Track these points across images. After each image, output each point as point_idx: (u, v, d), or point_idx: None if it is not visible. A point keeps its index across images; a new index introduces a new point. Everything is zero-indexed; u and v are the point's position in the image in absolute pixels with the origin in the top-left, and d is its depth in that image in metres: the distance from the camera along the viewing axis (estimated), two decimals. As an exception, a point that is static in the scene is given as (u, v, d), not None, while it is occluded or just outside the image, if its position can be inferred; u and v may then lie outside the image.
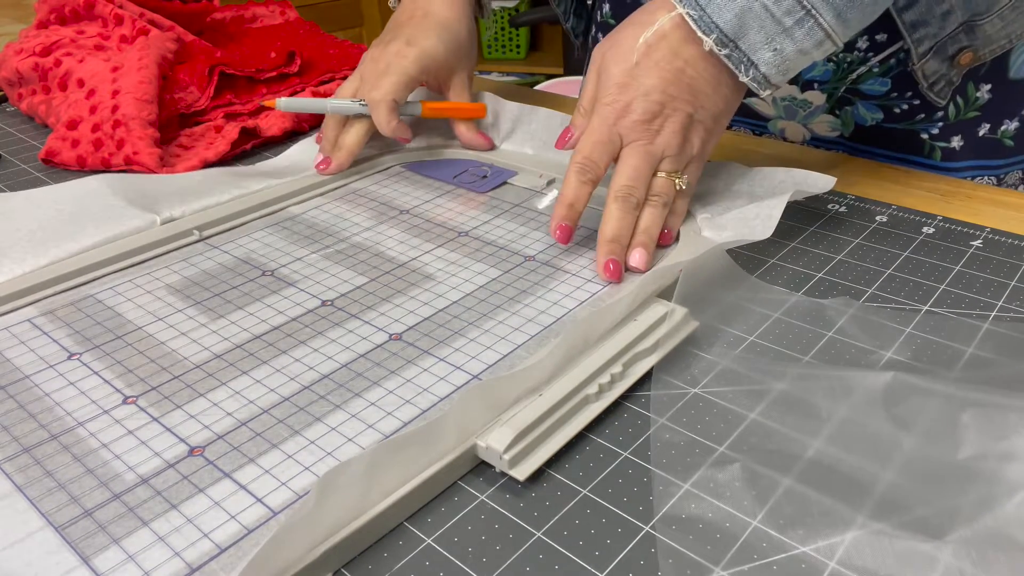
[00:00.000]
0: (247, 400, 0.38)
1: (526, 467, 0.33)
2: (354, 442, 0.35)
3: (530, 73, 2.63)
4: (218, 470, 0.34)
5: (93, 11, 0.79)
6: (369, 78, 0.61)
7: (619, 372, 0.38)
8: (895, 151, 0.67)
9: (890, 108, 0.64)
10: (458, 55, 0.65)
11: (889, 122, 0.65)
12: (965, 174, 0.66)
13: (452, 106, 0.65)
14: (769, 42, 0.47)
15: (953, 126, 0.64)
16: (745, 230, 0.48)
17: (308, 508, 0.28)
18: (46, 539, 0.31)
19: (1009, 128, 0.64)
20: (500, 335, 0.42)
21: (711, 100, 0.50)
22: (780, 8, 0.46)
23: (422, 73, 0.62)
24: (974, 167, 0.65)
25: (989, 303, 0.44)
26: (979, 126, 0.64)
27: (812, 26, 0.47)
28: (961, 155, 0.65)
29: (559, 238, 0.49)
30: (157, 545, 0.30)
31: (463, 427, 0.34)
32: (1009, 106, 0.63)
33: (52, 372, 0.40)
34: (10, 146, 0.71)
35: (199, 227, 0.53)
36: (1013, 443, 0.32)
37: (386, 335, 0.43)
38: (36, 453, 0.35)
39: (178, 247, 0.52)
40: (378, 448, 0.30)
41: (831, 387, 0.37)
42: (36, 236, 0.50)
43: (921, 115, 0.63)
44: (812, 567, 0.29)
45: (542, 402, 0.35)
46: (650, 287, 0.42)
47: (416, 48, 0.62)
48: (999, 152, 0.65)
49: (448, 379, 0.39)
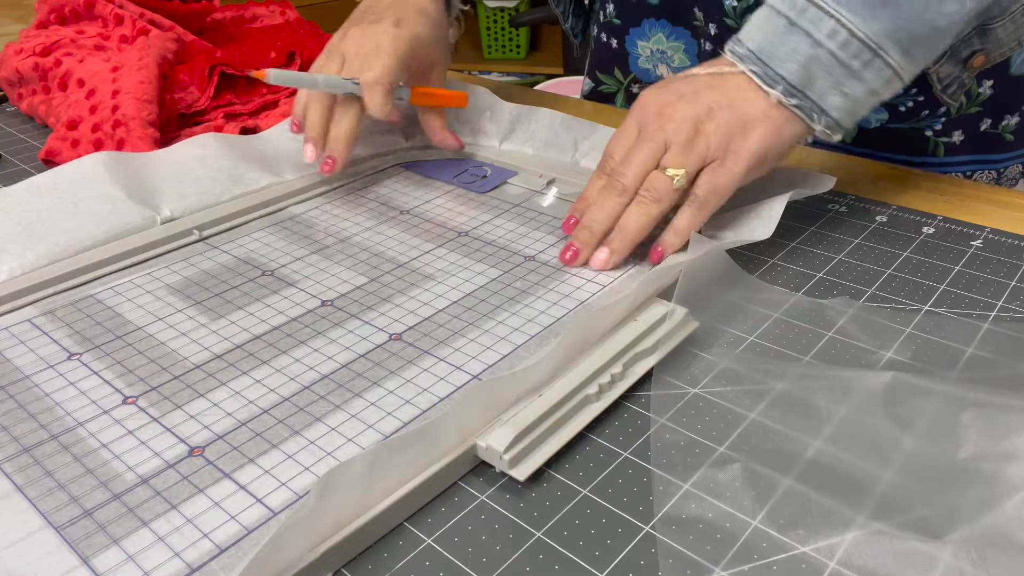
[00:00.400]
0: (247, 400, 0.38)
1: (526, 467, 0.33)
2: (354, 442, 0.35)
3: (530, 73, 2.62)
4: (218, 470, 0.34)
5: (93, 11, 0.79)
6: (356, 57, 0.57)
7: (619, 372, 0.38)
8: (898, 153, 0.67)
9: (895, 107, 0.64)
10: (440, 47, 0.63)
11: (894, 121, 0.65)
12: (966, 168, 0.66)
13: (441, 92, 0.63)
14: (837, 86, 0.46)
15: (955, 121, 0.64)
16: (745, 231, 0.48)
17: (308, 508, 0.28)
18: (46, 539, 0.31)
19: (1010, 123, 0.64)
20: (500, 335, 0.42)
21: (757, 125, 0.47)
22: (847, 52, 0.45)
23: (411, 59, 0.58)
24: (975, 161, 0.66)
25: (989, 303, 0.44)
26: (980, 121, 0.64)
27: (880, 66, 0.46)
28: (961, 149, 0.65)
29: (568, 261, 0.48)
30: (157, 545, 0.30)
31: (463, 427, 0.34)
32: (1010, 101, 0.63)
33: (52, 372, 0.40)
34: (10, 146, 0.71)
35: (199, 227, 0.53)
36: (1013, 443, 0.32)
37: (386, 335, 0.43)
38: (36, 453, 0.35)
39: (178, 247, 0.52)
40: (378, 448, 0.30)
41: (831, 387, 0.37)
42: (35, 230, 0.50)
43: (925, 112, 0.63)
44: (812, 567, 0.29)
45: (542, 402, 0.35)
46: (650, 287, 0.42)
47: (407, 31, 0.58)
48: (1000, 146, 0.65)
49: (448, 379, 0.39)
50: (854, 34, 0.45)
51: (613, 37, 0.77)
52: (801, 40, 0.45)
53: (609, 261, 0.47)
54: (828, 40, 0.45)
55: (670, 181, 0.46)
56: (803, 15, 0.45)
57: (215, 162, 0.58)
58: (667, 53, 0.73)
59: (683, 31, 0.71)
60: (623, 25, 0.75)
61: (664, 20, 0.71)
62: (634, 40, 0.75)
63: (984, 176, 0.66)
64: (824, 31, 0.45)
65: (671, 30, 0.71)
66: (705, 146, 0.46)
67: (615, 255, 0.47)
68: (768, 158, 0.47)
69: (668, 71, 0.74)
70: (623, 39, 0.76)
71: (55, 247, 0.49)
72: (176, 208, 0.54)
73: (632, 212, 0.47)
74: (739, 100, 0.47)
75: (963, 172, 0.66)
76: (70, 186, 0.53)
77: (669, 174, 0.46)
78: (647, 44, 0.74)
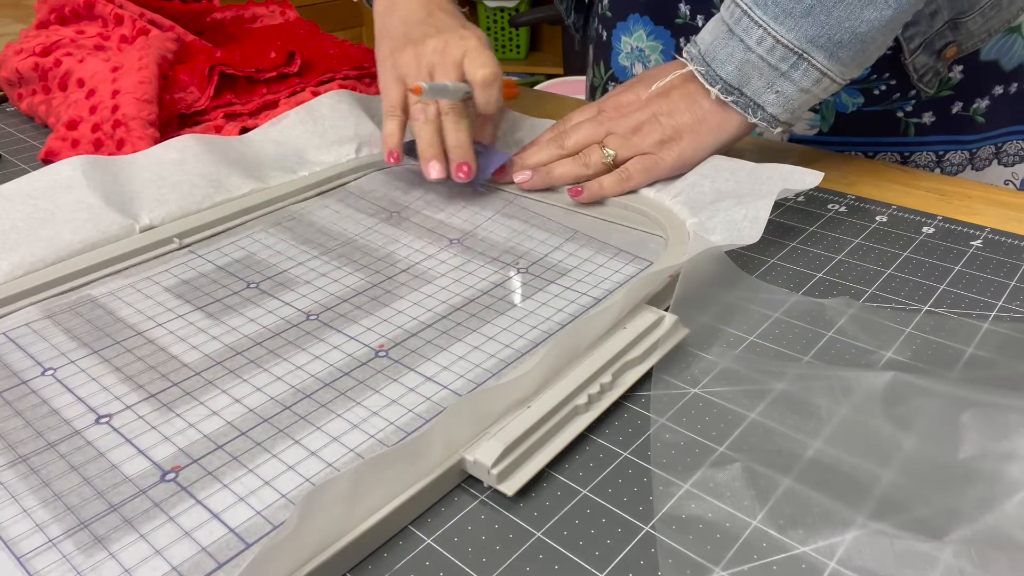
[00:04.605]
0: (225, 420, 0.36)
1: (515, 481, 0.32)
2: (334, 467, 0.34)
3: (530, 73, 2.63)
4: (190, 496, 0.32)
5: (93, 11, 0.79)
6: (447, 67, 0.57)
7: (609, 382, 0.37)
8: (872, 136, 0.69)
9: (870, 90, 0.67)
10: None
11: (869, 105, 0.67)
12: (938, 148, 0.68)
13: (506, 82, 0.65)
14: (770, 86, 0.53)
15: (926, 103, 0.67)
16: (733, 233, 0.48)
17: (289, 529, 0.27)
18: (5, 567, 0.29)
19: (981, 105, 0.67)
20: (489, 352, 0.41)
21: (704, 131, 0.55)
22: (774, 56, 0.52)
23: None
24: (947, 141, 0.68)
25: (989, 303, 0.44)
26: (952, 104, 0.67)
27: (807, 68, 0.52)
28: (932, 130, 0.68)
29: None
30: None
31: (450, 441, 0.33)
32: (980, 86, 0.66)
33: (25, 388, 0.39)
34: (10, 146, 0.71)
35: (179, 235, 0.52)
36: (1013, 443, 0.32)
37: (370, 350, 0.41)
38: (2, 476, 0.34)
39: (158, 255, 0.51)
40: (362, 465, 0.29)
41: (831, 387, 0.37)
42: (9, 238, 0.48)
43: (897, 95, 0.66)
44: (812, 567, 0.29)
45: (531, 414, 0.34)
46: (638, 294, 0.41)
47: (478, 31, 0.59)
48: (971, 128, 0.68)
49: (433, 398, 0.38)
50: (779, 41, 0.51)
51: (604, 30, 0.79)
52: (736, 46, 0.52)
53: (527, 182, 0.58)
54: (757, 46, 0.52)
55: (602, 155, 0.56)
56: (738, 24, 0.52)
57: (195, 167, 0.57)
58: (645, 52, 0.75)
59: (663, 31, 0.73)
60: (612, 18, 0.77)
61: (647, 17, 0.73)
62: (619, 35, 0.77)
63: (956, 156, 0.69)
64: (754, 38, 0.52)
65: (652, 28, 0.73)
66: (640, 143, 0.56)
67: (533, 182, 0.58)
68: (697, 156, 0.56)
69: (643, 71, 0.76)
70: (611, 32, 0.78)
71: (30, 256, 0.48)
72: (155, 216, 0.53)
73: (564, 163, 0.57)
74: (680, 109, 0.56)
75: (935, 152, 0.69)
76: (46, 192, 0.51)
77: (604, 151, 0.56)
78: (629, 40, 0.76)
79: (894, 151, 0.69)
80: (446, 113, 0.57)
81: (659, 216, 0.53)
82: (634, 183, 0.56)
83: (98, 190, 0.52)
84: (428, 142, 0.57)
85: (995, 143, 0.69)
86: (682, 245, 0.49)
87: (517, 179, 0.57)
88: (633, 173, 0.55)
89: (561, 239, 0.52)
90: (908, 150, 0.69)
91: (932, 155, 0.69)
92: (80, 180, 0.52)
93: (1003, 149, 0.70)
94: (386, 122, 0.59)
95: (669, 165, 0.55)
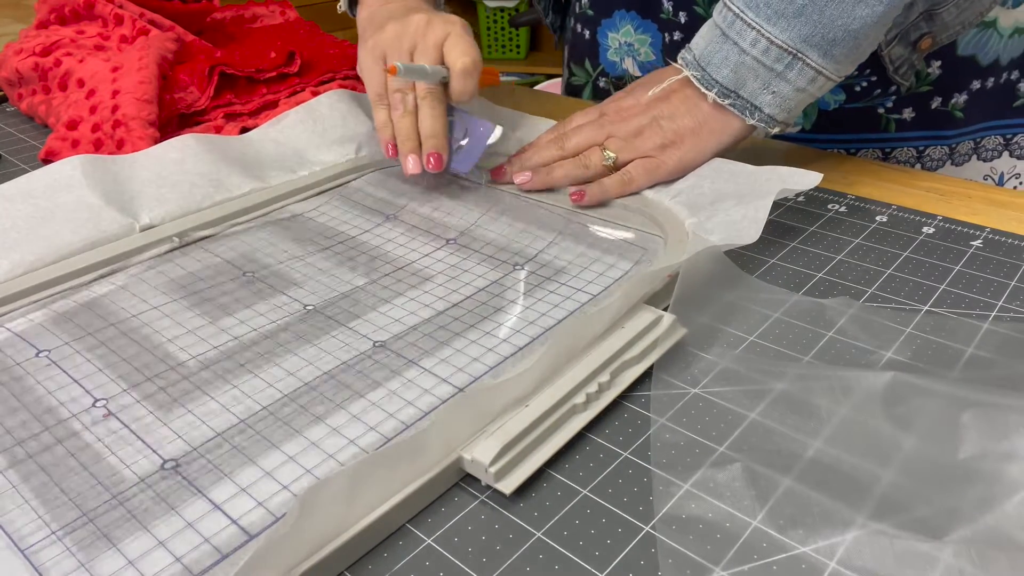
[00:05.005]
0: (229, 412, 0.37)
1: (512, 480, 0.32)
2: (334, 458, 0.34)
3: (530, 73, 2.62)
4: (193, 487, 0.33)
5: (93, 11, 0.79)
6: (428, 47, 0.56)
7: (607, 381, 0.37)
8: (853, 132, 0.70)
9: (851, 87, 0.67)
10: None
11: (851, 101, 0.68)
12: (918, 143, 0.69)
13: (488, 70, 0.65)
14: (766, 87, 0.53)
15: (906, 99, 0.68)
16: (732, 233, 0.47)
17: (288, 526, 0.27)
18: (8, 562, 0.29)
19: (959, 101, 0.68)
20: (487, 346, 0.41)
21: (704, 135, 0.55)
22: (769, 57, 0.52)
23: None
24: (927, 137, 0.69)
25: (989, 303, 0.44)
26: (931, 99, 0.68)
27: (802, 67, 0.52)
28: (912, 126, 0.69)
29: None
30: (128, 570, 0.29)
31: (448, 439, 0.33)
32: (958, 81, 0.67)
33: (26, 383, 0.39)
34: (10, 146, 0.71)
35: (179, 234, 0.52)
36: (1013, 443, 0.32)
37: (370, 342, 0.42)
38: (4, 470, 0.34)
39: (157, 254, 0.51)
40: (360, 463, 0.29)
41: (831, 387, 0.37)
42: (9, 238, 0.48)
43: (878, 91, 0.67)
44: (812, 567, 0.29)
45: (529, 413, 0.34)
46: (637, 293, 0.41)
47: (462, 20, 0.59)
48: (950, 123, 0.69)
49: (432, 391, 0.38)
50: (772, 42, 0.52)
51: (587, 28, 0.79)
52: (731, 49, 0.53)
53: (527, 183, 0.57)
54: (751, 48, 0.52)
55: (602, 158, 0.56)
56: (732, 27, 0.53)
57: (195, 166, 0.57)
58: (634, 46, 0.75)
59: (650, 24, 0.73)
60: (595, 16, 0.77)
61: (633, 12, 0.74)
62: (605, 32, 0.77)
63: (936, 152, 0.70)
64: (747, 41, 0.52)
65: (639, 22, 0.74)
66: (641, 146, 0.56)
67: (533, 182, 0.57)
68: (698, 160, 0.56)
69: (634, 65, 0.76)
70: (595, 30, 0.78)
71: (30, 256, 0.48)
72: (155, 215, 0.53)
73: (564, 164, 0.57)
74: (681, 112, 0.56)
75: (915, 147, 0.70)
76: (45, 191, 0.51)
77: (605, 153, 0.56)
78: (616, 36, 0.76)
79: (875, 147, 0.69)
80: (423, 98, 0.56)
81: (658, 216, 0.53)
82: (636, 185, 0.56)
83: (98, 189, 0.53)
84: (406, 135, 0.56)
85: (974, 138, 0.70)
86: (681, 245, 0.48)
87: (517, 180, 0.57)
88: (635, 175, 0.55)
89: (559, 238, 0.52)
90: (889, 146, 0.69)
91: (913, 151, 0.70)
92: (80, 179, 0.52)
93: (981, 144, 0.71)
94: (376, 112, 0.58)
95: (670, 168, 0.55)
